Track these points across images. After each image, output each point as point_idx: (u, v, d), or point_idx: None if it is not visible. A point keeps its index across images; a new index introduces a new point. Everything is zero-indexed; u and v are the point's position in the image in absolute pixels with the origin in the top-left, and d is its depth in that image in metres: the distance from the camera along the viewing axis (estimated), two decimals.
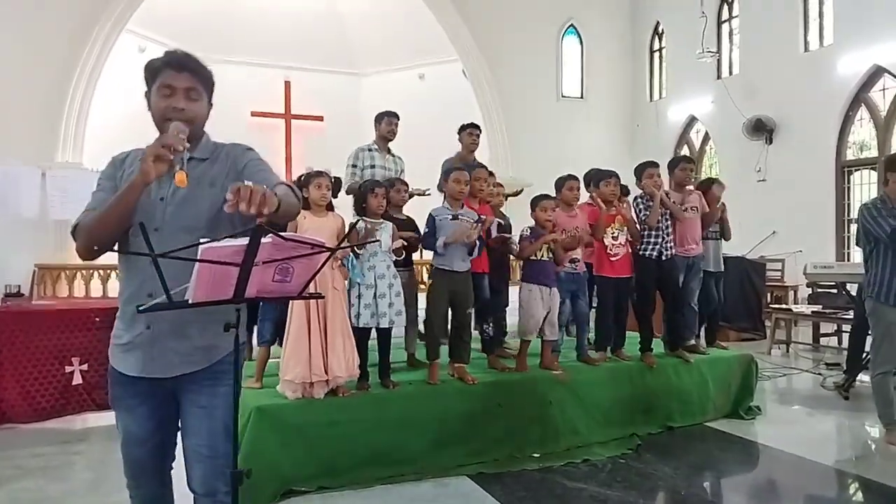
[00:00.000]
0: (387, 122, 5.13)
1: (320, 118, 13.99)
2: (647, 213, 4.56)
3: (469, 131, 5.31)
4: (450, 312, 4.00)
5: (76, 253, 1.92)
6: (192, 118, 1.85)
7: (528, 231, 4.20)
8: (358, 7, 13.45)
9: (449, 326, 4.08)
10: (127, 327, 1.85)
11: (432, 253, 3.88)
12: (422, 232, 3.98)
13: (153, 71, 1.87)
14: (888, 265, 3.91)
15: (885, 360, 3.96)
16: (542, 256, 4.17)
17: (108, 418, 4.57)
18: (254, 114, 13.32)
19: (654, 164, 4.75)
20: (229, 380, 1.85)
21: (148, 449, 1.93)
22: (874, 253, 3.98)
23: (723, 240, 5.37)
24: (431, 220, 3.86)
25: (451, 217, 3.83)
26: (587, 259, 4.57)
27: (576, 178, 4.54)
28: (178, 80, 1.85)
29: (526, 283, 4.17)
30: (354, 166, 5.03)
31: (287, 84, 13.89)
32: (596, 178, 4.75)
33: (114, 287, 9.76)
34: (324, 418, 3.44)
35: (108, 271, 9.74)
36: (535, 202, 4.26)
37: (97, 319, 4.64)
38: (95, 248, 1.85)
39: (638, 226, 4.59)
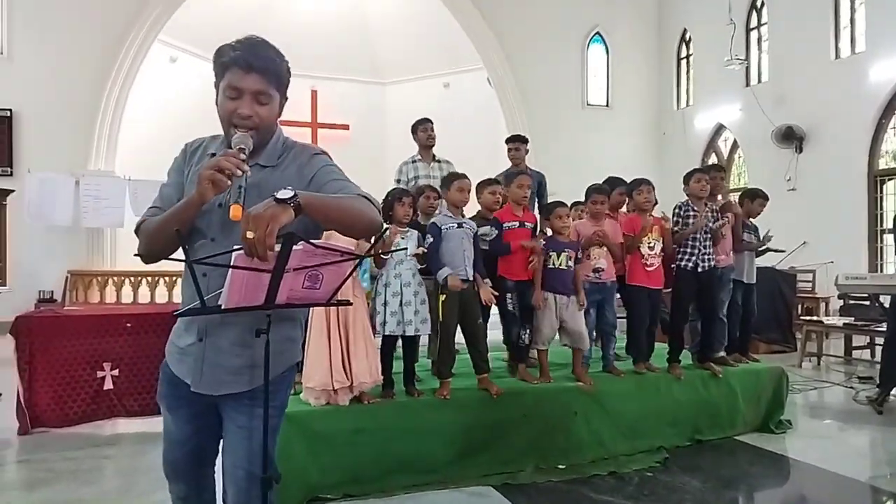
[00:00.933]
0: (422, 130, 5.18)
1: (346, 127, 14.13)
2: (687, 222, 4.49)
3: (509, 145, 5.55)
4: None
5: (139, 253, 1.84)
6: (259, 125, 1.75)
7: (544, 241, 4.19)
8: (383, 16, 13.58)
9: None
10: (182, 333, 1.84)
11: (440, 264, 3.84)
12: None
13: (222, 66, 1.74)
14: None
15: None
16: (560, 265, 4.14)
17: (138, 424, 4.66)
18: (281, 123, 13.43)
19: (703, 171, 4.72)
20: (271, 401, 1.74)
21: (185, 452, 1.91)
22: None
23: (755, 253, 5.27)
24: (436, 229, 3.78)
25: (455, 226, 3.81)
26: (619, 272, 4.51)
27: (602, 191, 4.46)
28: (246, 82, 1.72)
29: (545, 292, 4.16)
30: (398, 181, 5.09)
31: (314, 93, 14.06)
32: (624, 186, 4.71)
33: (144, 293, 9.94)
34: (350, 425, 3.45)
35: (139, 278, 9.93)
36: (550, 210, 4.24)
37: (128, 325, 4.71)
38: (153, 255, 1.80)
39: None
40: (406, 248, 3.64)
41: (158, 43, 10.88)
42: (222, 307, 1.77)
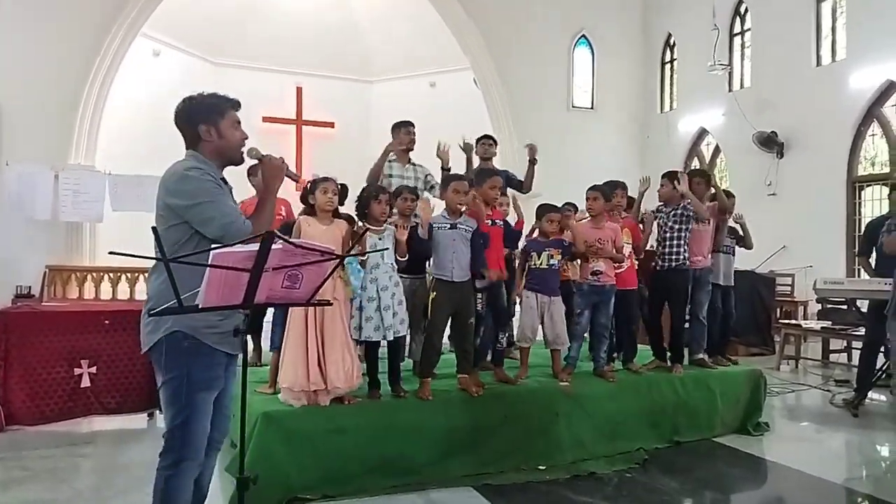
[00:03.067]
0: (405, 133, 5.11)
1: (331, 124, 14.06)
2: (672, 222, 4.56)
3: (482, 142, 5.46)
4: (449, 323, 3.95)
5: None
6: None
7: (527, 243, 4.21)
8: (370, 14, 13.53)
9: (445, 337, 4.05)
10: (221, 320, 2.17)
11: (432, 264, 3.84)
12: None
13: (222, 109, 2.35)
14: None
15: None
16: (542, 264, 4.22)
17: (115, 422, 4.61)
18: (265, 119, 13.38)
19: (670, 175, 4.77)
20: None
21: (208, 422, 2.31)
22: None
23: (732, 255, 5.32)
24: (430, 228, 3.79)
25: (448, 227, 3.80)
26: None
27: (595, 188, 4.48)
28: (238, 117, 2.41)
29: (525, 290, 4.27)
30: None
31: (299, 90, 13.97)
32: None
33: (123, 290, 9.82)
34: (329, 425, 3.43)
35: (119, 274, 9.81)
36: (541, 213, 4.26)
37: (107, 322, 4.65)
38: None
39: (654, 238, 4.59)
40: (387, 249, 3.60)
41: (142, 37, 10.74)
42: (199, 306, 1.76)
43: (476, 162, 5.41)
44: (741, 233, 5.50)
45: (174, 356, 2.17)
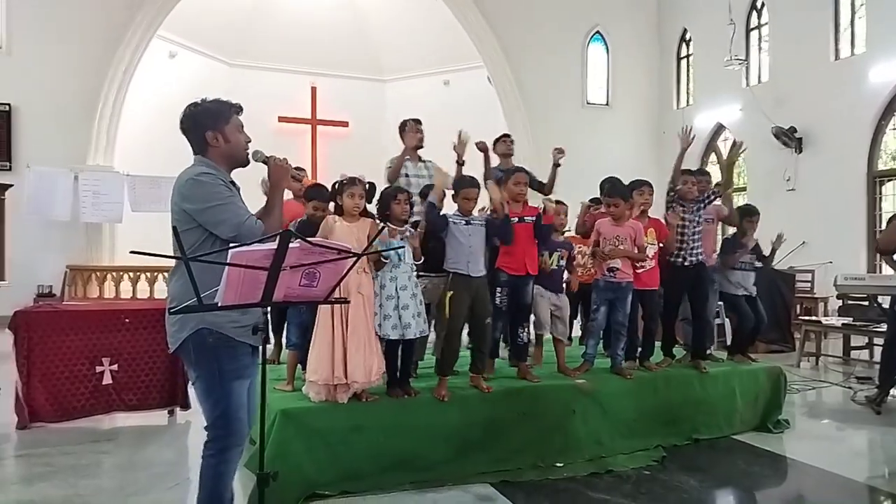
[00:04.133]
0: (410, 131, 5.13)
1: (345, 124, 14.12)
2: (696, 218, 4.59)
3: (503, 139, 5.56)
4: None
5: None
6: None
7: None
8: (384, 14, 13.57)
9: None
10: (241, 314, 2.23)
11: (447, 258, 3.83)
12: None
13: (226, 115, 2.43)
14: None
15: None
16: (553, 264, 4.38)
17: (136, 419, 4.67)
18: (281, 119, 13.48)
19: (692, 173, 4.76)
20: None
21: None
22: None
23: (752, 272, 5.23)
24: (444, 219, 3.83)
25: (464, 223, 3.82)
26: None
27: (617, 193, 4.42)
28: (241, 121, 2.49)
29: (537, 286, 4.33)
30: (389, 167, 5.09)
31: (313, 90, 14.05)
32: (627, 188, 4.69)
33: (143, 289, 9.94)
34: (347, 423, 3.44)
35: (138, 273, 9.92)
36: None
37: (127, 321, 4.70)
38: None
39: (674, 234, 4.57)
40: (404, 247, 3.61)
41: (158, 38, 10.87)
42: (218, 304, 1.78)
43: (495, 160, 5.42)
44: (763, 253, 5.35)
45: (202, 352, 2.28)
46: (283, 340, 4.42)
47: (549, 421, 3.90)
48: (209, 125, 2.38)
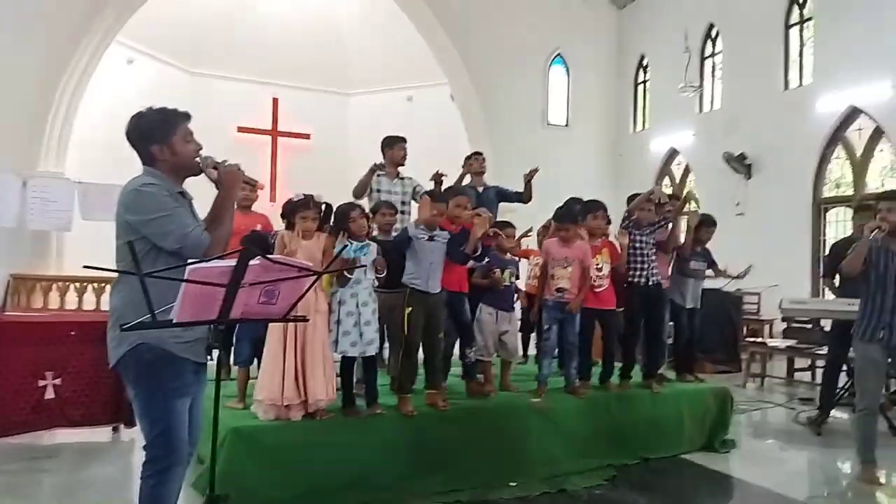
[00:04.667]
0: (398, 148, 5.22)
1: (307, 136, 14.03)
2: (650, 241, 4.67)
3: (476, 157, 5.70)
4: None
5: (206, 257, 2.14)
6: None
7: (490, 258, 4.28)
8: (348, 27, 13.58)
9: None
10: (183, 331, 2.16)
11: (406, 272, 3.82)
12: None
13: (173, 125, 2.32)
14: (865, 301, 4.02)
15: (861, 396, 4.03)
16: (506, 280, 4.45)
17: (79, 435, 4.50)
18: (240, 129, 13.31)
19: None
20: None
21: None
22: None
23: (701, 280, 5.40)
24: (406, 233, 3.83)
25: (426, 238, 3.82)
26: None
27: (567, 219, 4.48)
28: (190, 128, 2.37)
29: (484, 305, 4.39)
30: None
31: (275, 101, 13.93)
32: (583, 209, 4.81)
33: (90, 300, 9.63)
34: (301, 441, 3.41)
35: (85, 284, 9.62)
36: (501, 227, 4.40)
37: (72, 333, 4.55)
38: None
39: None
40: (364, 266, 3.60)
41: (116, 44, 10.63)
42: (173, 321, 1.75)
43: (467, 178, 5.55)
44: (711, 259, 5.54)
45: (142, 368, 2.19)
46: (231, 357, 4.35)
47: (504, 440, 3.93)
48: (155, 138, 2.29)
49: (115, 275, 2.18)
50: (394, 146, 5.22)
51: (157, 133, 2.29)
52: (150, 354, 2.16)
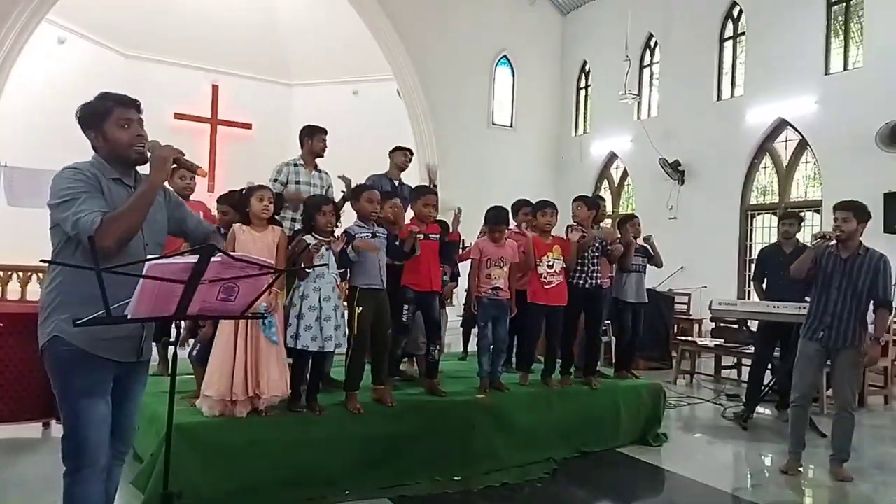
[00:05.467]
0: (318, 139, 4.99)
1: (249, 126, 13.74)
2: (594, 244, 4.81)
3: (403, 152, 5.45)
4: None
5: (100, 250, 1.96)
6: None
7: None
8: (293, 16, 13.35)
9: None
10: (104, 328, 2.04)
11: (355, 274, 3.82)
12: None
13: (105, 112, 2.19)
14: (811, 301, 4.31)
15: (794, 388, 4.30)
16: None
17: (7, 431, 4.30)
18: (177, 116, 12.91)
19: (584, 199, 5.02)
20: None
21: (108, 425, 2.19)
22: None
23: (643, 274, 5.64)
24: (350, 237, 3.78)
25: (369, 235, 3.84)
26: (522, 287, 4.70)
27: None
28: (132, 114, 2.22)
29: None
30: (276, 181, 4.84)
31: (215, 88, 13.59)
32: (518, 208, 4.94)
33: (14, 290, 9.17)
34: (245, 438, 3.37)
35: (9, 273, 9.15)
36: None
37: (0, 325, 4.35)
38: (127, 238, 2.07)
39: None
40: (327, 265, 3.58)
41: (46, 22, 10.14)
42: (128, 317, 1.73)
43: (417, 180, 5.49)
44: (651, 252, 5.83)
45: (55, 362, 2.11)
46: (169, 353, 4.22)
47: (449, 436, 3.99)
48: (90, 125, 2.20)
49: (44, 266, 2.10)
50: (314, 136, 4.99)
51: (90, 119, 2.20)
52: (62, 349, 2.07)
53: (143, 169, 2.22)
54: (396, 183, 5.27)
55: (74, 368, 2.08)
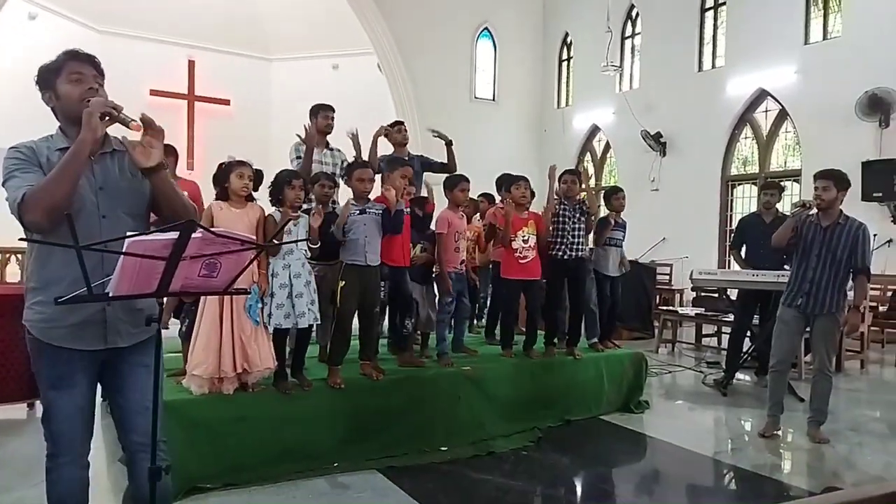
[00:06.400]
0: (323, 116, 5.11)
1: (227, 102, 13.55)
2: (576, 214, 4.84)
3: (398, 127, 5.50)
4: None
5: (29, 227, 1.89)
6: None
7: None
8: None
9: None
10: (66, 314, 1.95)
11: (343, 249, 3.83)
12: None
13: (56, 66, 2.00)
14: (792, 269, 4.38)
15: (773, 354, 4.39)
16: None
17: None
18: (153, 92, 12.69)
19: (573, 172, 5.03)
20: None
21: (86, 417, 2.06)
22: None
23: (621, 247, 5.67)
24: (330, 214, 3.83)
25: (358, 212, 3.82)
26: (496, 258, 4.77)
27: (467, 180, 4.70)
28: (85, 69, 2.02)
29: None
30: (298, 158, 4.96)
31: (191, 63, 13.35)
32: (507, 182, 4.93)
33: None
34: (232, 414, 3.38)
35: None
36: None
37: None
38: (56, 209, 1.83)
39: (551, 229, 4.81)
40: (304, 240, 3.55)
41: None
42: (110, 294, 1.72)
43: (382, 149, 5.44)
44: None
45: (29, 351, 2.04)
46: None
47: (435, 407, 4.04)
48: (44, 84, 2.01)
49: (23, 245, 2.03)
50: (318, 114, 5.12)
51: (44, 77, 2.01)
52: (29, 338, 2.01)
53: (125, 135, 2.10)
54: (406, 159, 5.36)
55: (38, 360, 2.01)
